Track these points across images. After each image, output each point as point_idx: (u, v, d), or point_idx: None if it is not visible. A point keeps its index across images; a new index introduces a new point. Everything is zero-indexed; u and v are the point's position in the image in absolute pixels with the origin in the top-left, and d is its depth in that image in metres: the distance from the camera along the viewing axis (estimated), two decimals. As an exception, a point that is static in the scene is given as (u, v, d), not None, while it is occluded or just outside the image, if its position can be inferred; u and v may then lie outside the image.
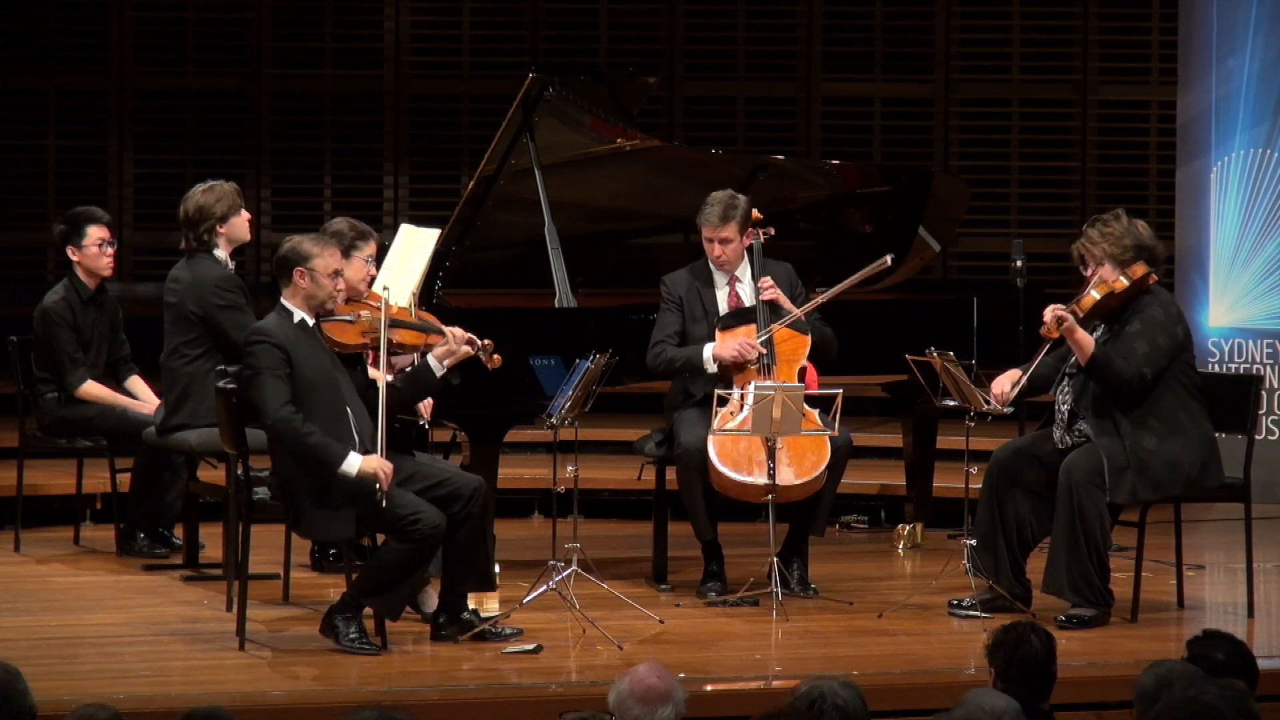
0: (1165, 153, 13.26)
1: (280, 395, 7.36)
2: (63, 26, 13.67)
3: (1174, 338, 7.97)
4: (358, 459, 7.34)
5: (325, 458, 7.32)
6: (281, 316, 7.52)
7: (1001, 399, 8.08)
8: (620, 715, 5.34)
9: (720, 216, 8.58)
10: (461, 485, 7.60)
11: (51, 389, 9.25)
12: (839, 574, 8.99)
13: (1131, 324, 7.96)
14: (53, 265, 13.27)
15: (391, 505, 7.33)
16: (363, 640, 7.39)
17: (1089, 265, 8.03)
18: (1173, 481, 7.92)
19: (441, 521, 7.37)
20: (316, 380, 7.45)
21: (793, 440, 8.23)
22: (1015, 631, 5.63)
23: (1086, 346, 7.89)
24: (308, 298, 7.52)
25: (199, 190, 8.96)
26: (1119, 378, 7.86)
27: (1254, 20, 11.03)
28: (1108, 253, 7.96)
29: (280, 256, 7.56)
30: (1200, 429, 7.99)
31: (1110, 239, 7.97)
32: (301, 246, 7.54)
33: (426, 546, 7.37)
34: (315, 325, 7.55)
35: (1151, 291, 8.02)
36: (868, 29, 14.01)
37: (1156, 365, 7.90)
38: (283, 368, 7.39)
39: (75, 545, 9.66)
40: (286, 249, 7.56)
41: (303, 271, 7.50)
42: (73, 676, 7.08)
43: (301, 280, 7.51)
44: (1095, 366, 7.89)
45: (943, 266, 13.52)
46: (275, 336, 7.44)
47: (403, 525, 7.33)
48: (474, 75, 13.95)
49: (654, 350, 8.65)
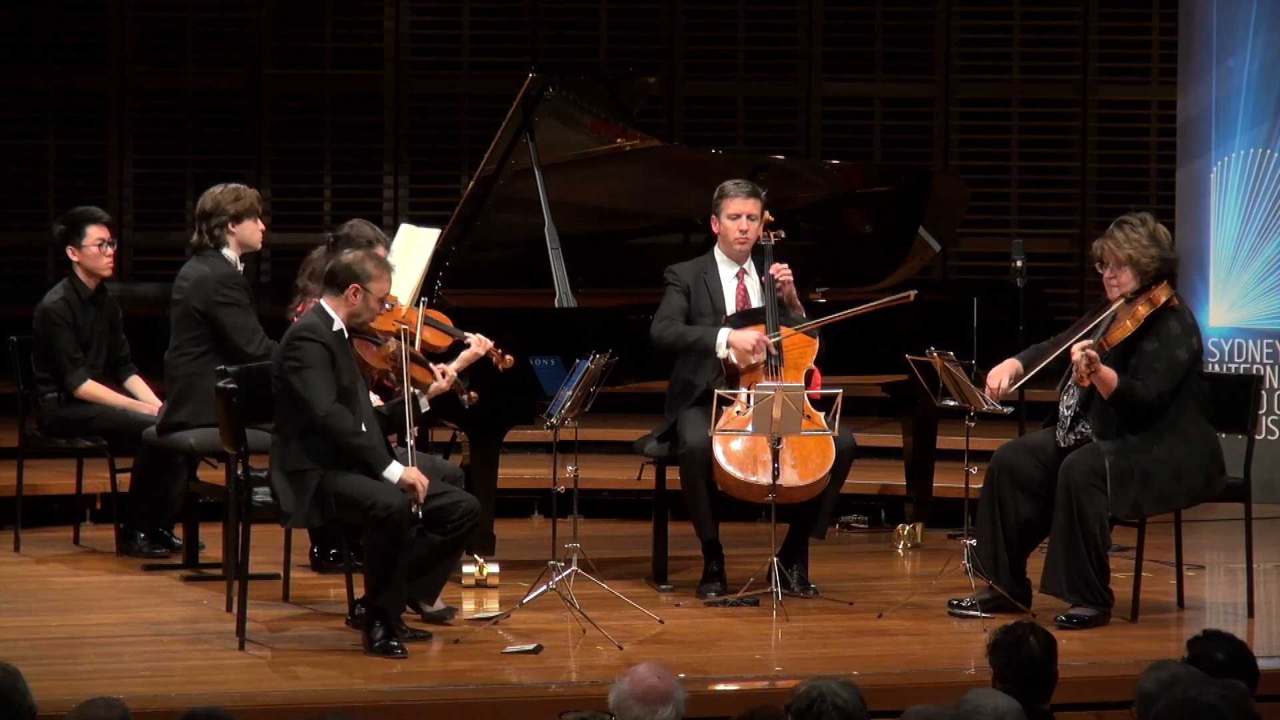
0: (1165, 153, 13.27)
1: (330, 391, 7.44)
2: (63, 26, 13.67)
3: (1192, 350, 7.95)
4: (399, 468, 7.45)
5: (370, 460, 7.43)
6: (322, 320, 7.56)
7: (996, 393, 8.06)
8: (620, 715, 5.34)
9: (749, 191, 8.55)
10: (457, 504, 7.61)
11: (51, 389, 9.25)
12: (839, 574, 8.99)
13: (1149, 341, 7.92)
14: (53, 265, 13.28)
15: (348, 491, 7.37)
16: (389, 642, 7.40)
17: (1108, 266, 7.98)
18: (1176, 494, 7.91)
19: (398, 503, 7.36)
20: (349, 389, 7.52)
21: (798, 442, 8.22)
22: (1015, 633, 5.63)
23: (1111, 382, 7.83)
24: (351, 314, 7.58)
25: (221, 188, 8.99)
26: (1142, 402, 7.84)
27: (1254, 20, 11.03)
28: (1131, 257, 7.91)
29: (341, 266, 7.59)
30: (1206, 439, 7.98)
31: (1135, 244, 7.92)
32: (364, 265, 7.58)
33: (391, 528, 7.35)
34: (350, 338, 7.60)
35: (1174, 309, 8.00)
36: (868, 29, 14.01)
37: (1176, 381, 7.88)
38: (329, 369, 7.46)
39: (75, 545, 9.66)
40: (350, 260, 7.60)
41: (358, 289, 7.56)
42: (73, 676, 7.08)
43: (354, 297, 7.57)
44: (1120, 399, 7.84)
45: (943, 266, 13.52)
46: (324, 336, 7.49)
47: (363, 513, 7.38)
48: (474, 75, 13.95)
49: (663, 323, 8.58)
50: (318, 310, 7.58)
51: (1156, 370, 7.87)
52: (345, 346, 7.57)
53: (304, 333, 7.53)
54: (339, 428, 7.41)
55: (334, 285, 7.58)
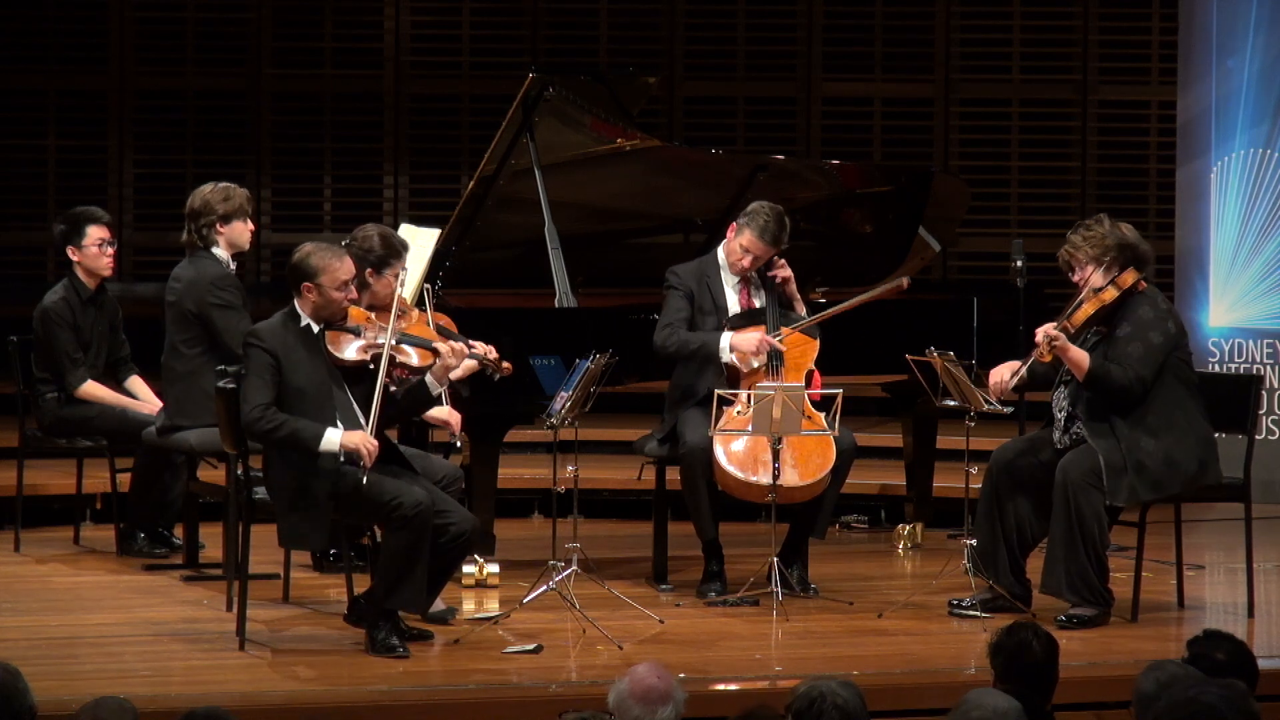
0: (1165, 153, 13.26)
1: (255, 397, 7.36)
2: (63, 26, 13.67)
3: (1167, 333, 7.96)
4: (337, 433, 7.32)
5: (301, 441, 7.32)
6: (287, 320, 7.50)
7: (999, 390, 8.07)
8: (620, 715, 5.34)
9: (774, 240, 8.49)
10: (447, 527, 7.47)
11: (51, 389, 9.25)
12: (839, 574, 8.99)
13: (1122, 327, 7.96)
14: (53, 265, 13.27)
15: (371, 493, 7.30)
16: (396, 643, 7.38)
17: (1075, 270, 8.03)
18: (1171, 480, 7.92)
19: (425, 500, 7.34)
20: (307, 389, 7.42)
21: (798, 442, 8.23)
22: (1017, 634, 5.62)
23: (1082, 363, 7.88)
24: (316, 310, 7.50)
25: (210, 187, 8.97)
26: (1117, 385, 7.86)
27: (1254, 20, 11.04)
28: (1091, 256, 7.97)
29: (290, 266, 7.53)
30: (1197, 427, 7.99)
31: (1092, 242, 7.98)
32: (308, 261, 7.48)
33: (418, 526, 7.33)
34: (319, 333, 7.53)
35: (1142, 293, 8.02)
36: (868, 29, 14.01)
37: (1153, 365, 7.90)
38: (269, 372, 7.38)
39: (75, 545, 9.66)
40: (296, 260, 7.52)
41: (309, 287, 7.48)
42: (73, 676, 7.08)
43: (309, 294, 7.49)
44: (1094, 380, 7.88)
45: (943, 266, 13.52)
46: (267, 342, 7.42)
47: (387, 513, 7.33)
48: (474, 75, 13.95)
49: (665, 330, 8.58)
50: (288, 309, 7.54)
51: (1131, 354, 7.89)
52: (314, 343, 7.48)
53: (250, 337, 7.51)
54: (257, 431, 7.34)
55: (292, 286, 7.51)
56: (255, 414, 7.34)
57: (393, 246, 8.00)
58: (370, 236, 8.01)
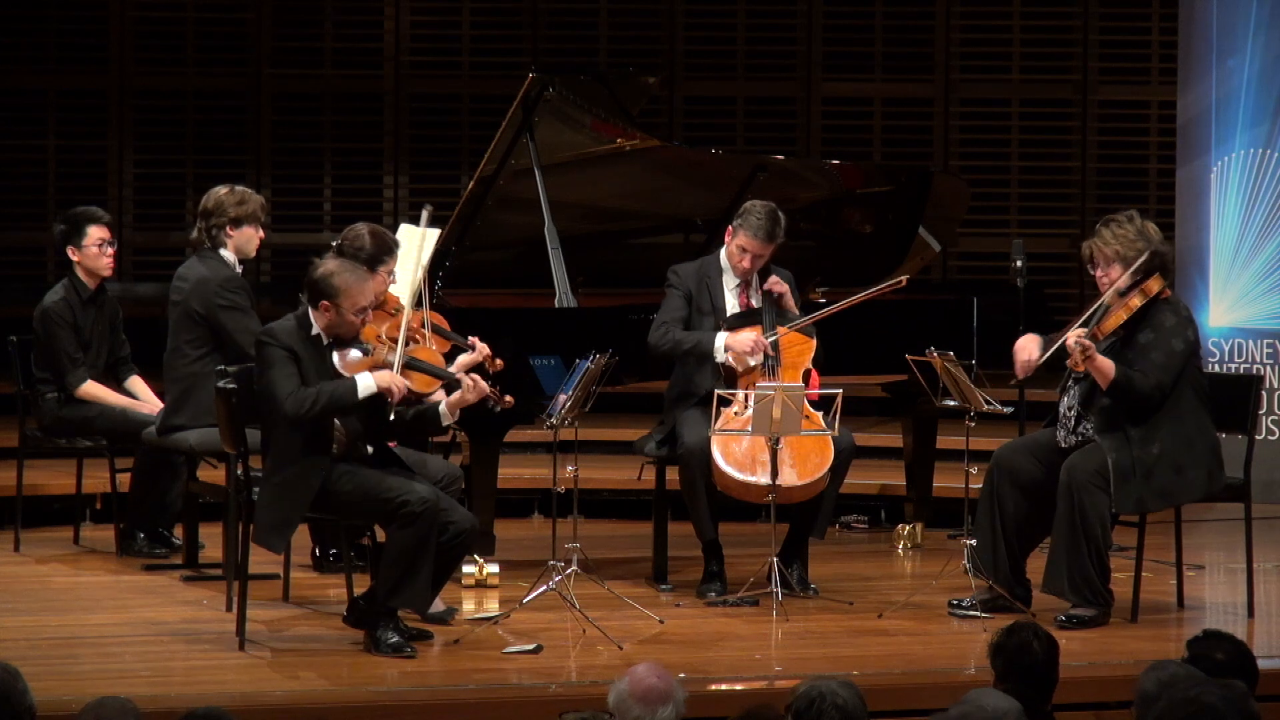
0: (1165, 153, 13.27)
1: (286, 386, 7.34)
2: (63, 26, 13.67)
3: (1187, 341, 7.95)
4: (368, 377, 7.36)
5: (340, 400, 7.34)
6: (300, 326, 7.48)
7: (1027, 369, 8.02)
8: (620, 715, 5.34)
9: (768, 236, 8.50)
10: (447, 525, 7.45)
11: (51, 389, 9.25)
12: (839, 574, 8.99)
13: (1144, 333, 7.93)
14: (53, 265, 13.27)
15: (378, 488, 7.32)
16: (401, 641, 7.38)
17: (1098, 265, 7.99)
18: (1179, 489, 7.91)
19: (432, 496, 7.35)
20: None
21: (796, 441, 8.23)
22: (1017, 634, 5.62)
23: (1108, 371, 7.84)
24: (328, 326, 7.49)
25: (227, 189, 8.97)
26: (1139, 393, 7.84)
27: (1254, 20, 11.03)
28: (1119, 254, 7.92)
29: (312, 280, 7.47)
30: (1207, 435, 7.98)
31: (1122, 240, 7.94)
32: (331, 281, 7.43)
33: (426, 522, 7.33)
34: (328, 346, 7.50)
35: (1165, 300, 8.01)
36: (868, 29, 14.01)
37: (1174, 373, 7.88)
38: (289, 365, 7.38)
39: (75, 545, 9.66)
40: (318, 275, 7.46)
41: (328, 306, 7.45)
42: (73, 676, 7.08)
43: (326, 312, 7.46)
44: (1117, 388, 7.85)
45: (943, 266, 13.52)
46: (282, 340, 7.43)
47: (395, 509, 7.33)
48: (474, 75, 13.95)
49: (660, 329, 8.58)
50: (300, 314, 7.52)
51: (1153, 361, 7.87)
52: (323, 353, 7.49)
53: (262, 337, 7.50)
54: (298, 409, 7.31)
55: (310, 298, 7.49)
56: (291, 403, 7.32)
57: (384, 244, 8.03)
58: (361, 235, 8.05)
